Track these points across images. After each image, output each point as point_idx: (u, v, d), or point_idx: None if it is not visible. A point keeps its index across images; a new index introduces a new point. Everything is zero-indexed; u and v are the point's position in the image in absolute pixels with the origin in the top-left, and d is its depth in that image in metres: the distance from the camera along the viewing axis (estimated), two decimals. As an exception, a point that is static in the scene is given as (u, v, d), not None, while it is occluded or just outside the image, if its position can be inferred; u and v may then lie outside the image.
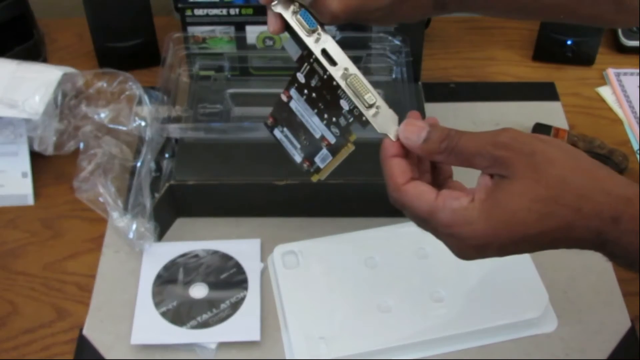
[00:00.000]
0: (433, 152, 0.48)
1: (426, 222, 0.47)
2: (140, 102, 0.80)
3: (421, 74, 0.92)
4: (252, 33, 0.88)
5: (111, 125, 0.80)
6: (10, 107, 0.79)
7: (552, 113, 0.94)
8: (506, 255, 0.46)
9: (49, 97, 0.81)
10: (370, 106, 0.51)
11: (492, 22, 1.09)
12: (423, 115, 0.85)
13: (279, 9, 0.52)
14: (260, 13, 0.86)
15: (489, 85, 0.98)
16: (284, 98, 0.56)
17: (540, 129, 0.88)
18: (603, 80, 1.00)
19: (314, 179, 0.58)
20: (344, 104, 0.52)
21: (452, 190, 0.47)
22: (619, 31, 1.03)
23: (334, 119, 0.54)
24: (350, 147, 0.54)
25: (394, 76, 0.87)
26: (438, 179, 0.51)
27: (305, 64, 0.53)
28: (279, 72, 0.89)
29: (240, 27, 0.88)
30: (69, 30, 1.07)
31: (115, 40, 0.97)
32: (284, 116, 0.57)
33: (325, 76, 0.52)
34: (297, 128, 0.57)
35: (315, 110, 0.55)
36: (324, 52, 0.52)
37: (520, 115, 0.93)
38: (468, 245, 0.45)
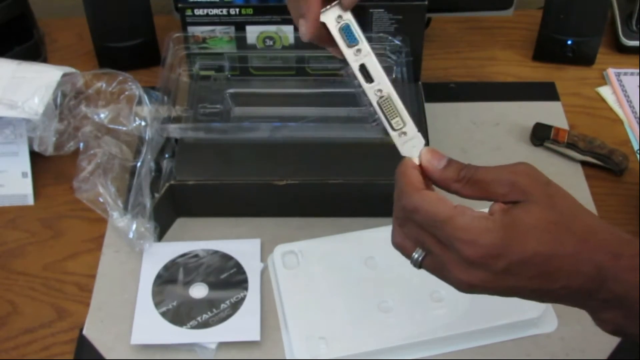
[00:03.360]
0: (451, 179, 0.49)
1: (442, 225, 0.46)
2: (140, 102, 0.80)
3: (421, 74, 0.92)
4: (252, 33, 0.88)
5: (111, 126, 0.80)
6: (10, 107, 0.79)
7: (552, 113, 0.94)
8: (508, 281, 0.46)
9: (48, 98, 0.81)
10: (396, 130, 0.51)
11: (492, 22, 1.09)
12: (424, 115, 0.85)
13: (324, 18, 0.51)
14: (260, 13, 0.86)
15: (489, 85, 0.98)
16: None
17: (540, 129, 0.88)
18: (603, 80, 1.00)
19: None
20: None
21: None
22: (619, 31, 1.03)
23: None
24: None
25: (394, 76, 0.87)
26: None
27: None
28: (279, 72, 0.89)
29: (240, 27, 0.88)
30: (69, 30, 1.07)
31: (115, 40, 0.97)
32: None
33: (359, 87, 0.52)
34: None
35: None
36: (362, 67, 0.52)
37: (520, 115, 0.93)
38: (480, 254, 0.45)
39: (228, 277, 0.74)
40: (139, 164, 0.77)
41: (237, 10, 0.86)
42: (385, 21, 0.90)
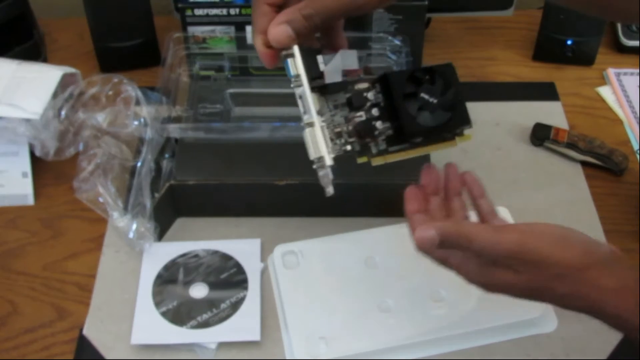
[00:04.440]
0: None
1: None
2: (138, 103, 0.80)
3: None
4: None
5: (110, 129, 0.80)
6: (10, 107, 0.79)
7: (552, 113, 0.94)
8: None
9: (48, 98, 0.81)
10: (312, 160, 0.54)
11: (492, 22, 1.09)
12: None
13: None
14: (260, 13, 0.86)
15: (489, 85, 0.98)
16: None
17: (540, 129, 0.89)
18: (603, 80, 1.00)
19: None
20: None
21: None
22: (619, 31, 1.03)
23: None
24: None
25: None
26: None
27: None
28: (279, 72, 0.88)
29: (240, 27, 0.88)
30: (69, 30, 1.07)
31: (115, 40, 0.97)
32: None
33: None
34: None
35: None
36: (301, 97, 0.54)
37: (520, 115, 0.93)
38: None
39: (228, 277, 0.74)
40: (139, 164, 0.77)
41: (237, 10, 0.86)
42: (385, 21, 0.90)
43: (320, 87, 0.54)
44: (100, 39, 0.97)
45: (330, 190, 0.55)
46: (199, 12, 0.87)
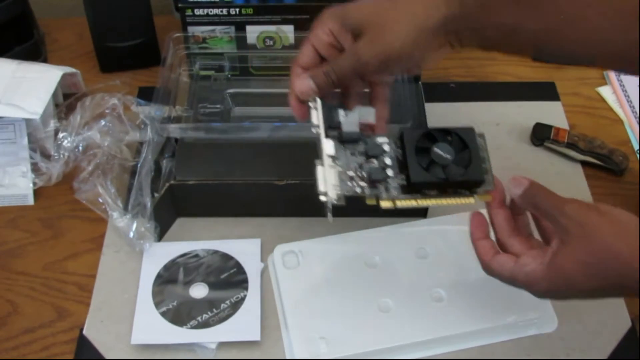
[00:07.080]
0: (524, 206, 0.59)
1: (511, 283, 0.58)
2: (139, 104, 0.80)
3: (421, 74, 0.92)
4: (252, 33, 0.88)
5: (107, 139, 0.80)
6: (10, 107, 0.79)
7: (552, 113, 0.94)
8: (573, 299, 0.58)
9: (48, 97, 0.81)
10: (320, 193, 0.59)
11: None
12: (424, 115, 0.85)
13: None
14: (260, 13, 0.86)
15: (489, 85, 0.98)
16: None
17: (541, 128, 0.88)
18: (603, 80, 1.00)
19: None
20: None
21: (528, 253, 0.57)
22: (619, 31, 1.03)
23: None
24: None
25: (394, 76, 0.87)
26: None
27: None
28: (279, 72, 0.89)
29: (240, 26, 0.88)
30: (69, 30, 1.07)
31: (115, 40, 0.97)
32: None
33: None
34: None
35: None
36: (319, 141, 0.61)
37: (520, 115, 0.93)
38: (540, 295, 0.58)
39: (228, 277, 0.74)
40: (139, 164, 0.77)
41: (237, 10, 0.86)
42: (385, 21, 0.90)
43: (338, 135, 0.61)
44: (100, 39, 0.97)
45: (329, 218, 0.60)
46: (199, 12, 0.87)
